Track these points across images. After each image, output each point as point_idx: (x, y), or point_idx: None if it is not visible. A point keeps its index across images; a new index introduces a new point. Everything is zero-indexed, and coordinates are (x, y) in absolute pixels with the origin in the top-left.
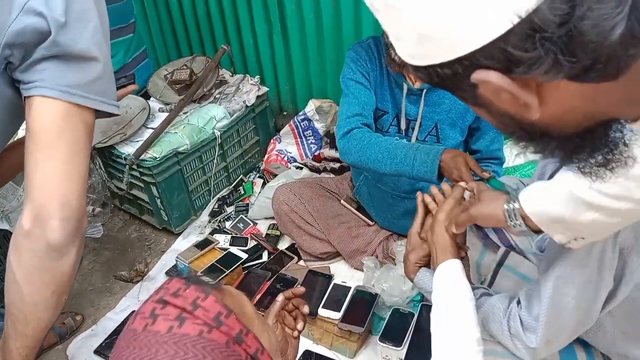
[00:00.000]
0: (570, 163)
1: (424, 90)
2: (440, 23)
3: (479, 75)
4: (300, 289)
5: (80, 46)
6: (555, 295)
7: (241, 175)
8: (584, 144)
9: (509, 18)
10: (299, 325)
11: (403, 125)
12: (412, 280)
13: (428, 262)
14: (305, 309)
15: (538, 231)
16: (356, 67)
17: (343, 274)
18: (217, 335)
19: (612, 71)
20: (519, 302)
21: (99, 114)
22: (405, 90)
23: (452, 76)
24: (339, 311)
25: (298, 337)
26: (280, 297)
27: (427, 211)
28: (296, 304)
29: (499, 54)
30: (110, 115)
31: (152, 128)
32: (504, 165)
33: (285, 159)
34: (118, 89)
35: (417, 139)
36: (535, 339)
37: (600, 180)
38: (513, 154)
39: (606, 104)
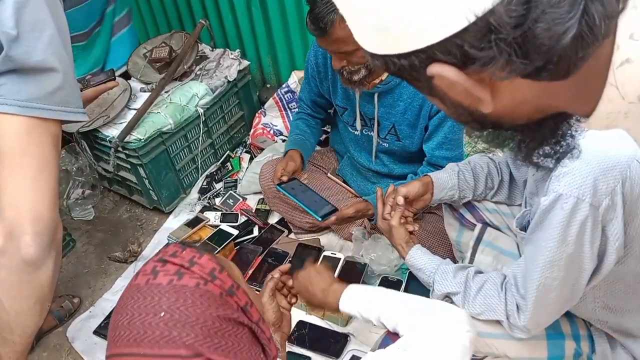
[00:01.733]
0: (519, 154)
1: (376, 94)
2: (397, 16)
3: (434, 69)
4: (285, 266)
5: (35, 58)
6: (543, 280)
7: (228, 151)
8: (534, 136)
9: (466, 16)
10: (293, 300)
11: (358, 126)
12: (404, 257)
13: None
14: (290, 282)
15: None
16: (308, 75)
17: (333, 245)
18: (212, 287)
19: (562, 71)
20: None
21: (65, 121)
22: (358, 91)
23: (409, 67)
24: None
25: (290, 310)
26: (275, 275)
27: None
28: (284, 281)
29: (455, 50)
30: (78, 121)
31: (135, 109)
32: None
33: (272, 132)
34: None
35: (378, 135)
36: (524, 317)
37: None
38: None
39: (557, 99)
